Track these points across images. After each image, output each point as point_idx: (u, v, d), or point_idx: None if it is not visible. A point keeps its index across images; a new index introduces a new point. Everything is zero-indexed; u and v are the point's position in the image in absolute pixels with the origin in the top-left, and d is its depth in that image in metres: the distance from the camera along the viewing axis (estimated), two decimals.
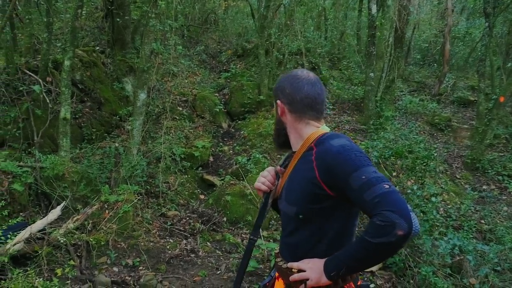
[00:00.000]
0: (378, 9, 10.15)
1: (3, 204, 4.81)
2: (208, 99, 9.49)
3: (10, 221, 4.59)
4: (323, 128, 1.78)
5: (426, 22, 17.69)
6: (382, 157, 7.08)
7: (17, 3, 6.82)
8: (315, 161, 1.63)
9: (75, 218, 5.02)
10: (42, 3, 7.63)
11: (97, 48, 8.81)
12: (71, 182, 5.59)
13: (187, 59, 10.72)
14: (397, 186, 6.48)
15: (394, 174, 7.06)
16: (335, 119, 9.80)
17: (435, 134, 10.14)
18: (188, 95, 9.51)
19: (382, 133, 8.37)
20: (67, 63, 6.26)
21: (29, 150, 6.21)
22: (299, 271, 1.70)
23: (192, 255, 5.24)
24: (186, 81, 10.05)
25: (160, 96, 8.77)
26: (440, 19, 16.45)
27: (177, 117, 8.61)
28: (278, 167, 1.90)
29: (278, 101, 1.82)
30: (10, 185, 5.13)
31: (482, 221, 6.47)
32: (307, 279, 1.64)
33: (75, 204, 5.49)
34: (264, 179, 1.90)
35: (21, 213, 5.17)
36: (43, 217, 4.87)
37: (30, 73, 6.83)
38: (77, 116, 7.12)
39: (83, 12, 8.79)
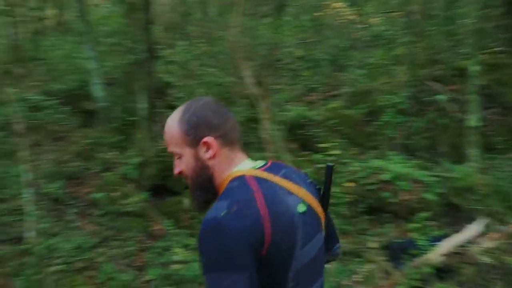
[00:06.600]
0: None
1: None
2: None
3: (435, 232, 4.69)
4: (244, 164, 1.33)
5: None
6: None
7: None
8: None
9: (491, 236, 4.61)
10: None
11: (496, 48, 8.10)
12: (482, 195, 5.23)
13: None
14: None
15: None
16: None
17: None
18: None
19: None
20: (473, 68, 5.99)
21: (435, 159, 6.26)
22: None
23: None
24: None
25: None
26: None
27: None
28: None
29: (206, 139, 1.29)
30: (422, 194, 5.25)
31: None
32: None
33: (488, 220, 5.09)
34: None
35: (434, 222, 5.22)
36: (458, 230, 4.72)
37: (433, 84, 6.95)
38: (483, 124, 6.71)
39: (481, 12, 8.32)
